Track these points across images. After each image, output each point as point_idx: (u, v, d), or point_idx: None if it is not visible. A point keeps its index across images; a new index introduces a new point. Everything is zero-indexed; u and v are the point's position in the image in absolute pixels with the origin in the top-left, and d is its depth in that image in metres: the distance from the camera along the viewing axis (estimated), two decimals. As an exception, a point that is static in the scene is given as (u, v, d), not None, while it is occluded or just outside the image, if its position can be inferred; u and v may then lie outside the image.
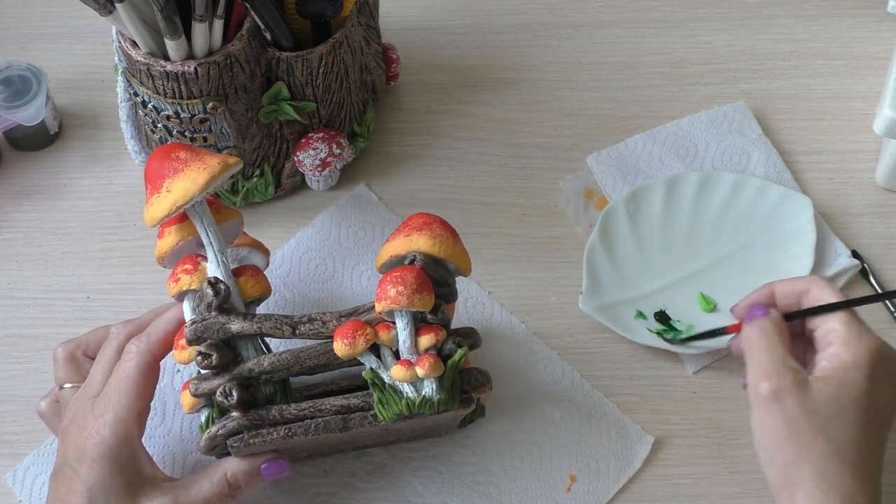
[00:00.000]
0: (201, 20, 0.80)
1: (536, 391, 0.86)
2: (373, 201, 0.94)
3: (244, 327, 0.74)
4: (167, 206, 0.74)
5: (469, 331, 0.77)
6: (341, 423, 0.73)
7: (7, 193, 0.96)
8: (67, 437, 0.75)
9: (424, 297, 0.73)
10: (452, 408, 0.73)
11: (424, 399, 0.73)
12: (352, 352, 0.73)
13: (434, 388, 0.73)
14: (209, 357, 0.73)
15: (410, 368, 0.72)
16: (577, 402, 0.85)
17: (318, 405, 0.74)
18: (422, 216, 0.77)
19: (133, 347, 0.76)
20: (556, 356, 0.87)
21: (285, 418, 0.74)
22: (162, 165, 0.75)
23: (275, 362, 0.74)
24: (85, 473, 0.73)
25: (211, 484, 0.75)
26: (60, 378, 0.80)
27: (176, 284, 0.76)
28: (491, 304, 0.89)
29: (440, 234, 0.76)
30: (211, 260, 0.76)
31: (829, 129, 0.98)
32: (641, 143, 0.97)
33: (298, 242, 0.92)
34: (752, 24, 1.04)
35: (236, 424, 0.73)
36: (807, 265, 0.89)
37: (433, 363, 0.72)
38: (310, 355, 0.74)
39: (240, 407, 0.73)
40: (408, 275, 0.73)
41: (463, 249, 0.78)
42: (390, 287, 0.72)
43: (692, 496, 0.82)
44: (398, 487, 0.82)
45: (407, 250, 0.76)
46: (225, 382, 0.73)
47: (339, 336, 0.73)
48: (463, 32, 1.04)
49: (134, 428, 0.74)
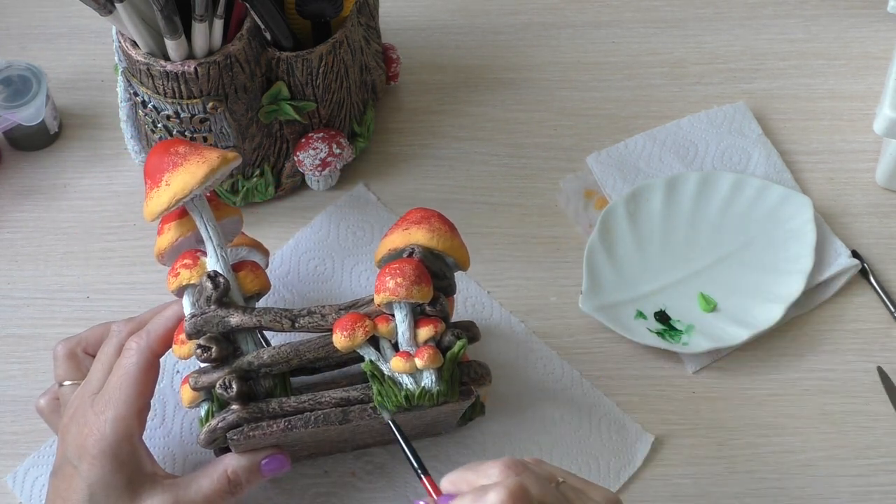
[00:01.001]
0: (201, 20, 0.80)
1: (536, 390, 0.86)
2: (371, 201, 0.94)
3: (243, 320, 0.74)
4: (166, 199, 0.74)
5: (468, 324, 0.77)
6: (341, 415, 0.73)
7: (7, 193, 0.96)
8: (67, 434, 0.75)
9: (423, 289, 0.73)
10: (452, 399, 0.73)
11: (424, 390, 0.73)
12: (351, 344, 0.73)
13: (433, 379, 0.73)
14: (209, 350, 0.73)
15: (409, 360, 0.72)
16: (576, 400, 0.85)
17: (317, 398, 0.74)
18: (420, 210, 0.78)
19: (133, 344, 0.76)
20: (555, 355, 0.87)
21: (285, 411, 0.74)
22: (161, 160, 0.75)
23: (274, 355, 0.74)
24: (85, 470, 0.73)
25: (211, 481, 0.75)
26: (60, 375, 0.80)
27: (175, 279, 0.76)
28: (490, 303, 0.89)
29: (438, 227, 0.76)
30: (210, 254, 0.76)
31: (829, 129, 0.98)
32: (641, 143, 0.97)
33: (297, 242, 0.92)
34: (752, 24, 1.04)
35: (236, 417, 0.73)
36: (807, 265, 0.89)
37: (432, 354, 0.72)
38: (309, 348, 0.75)
39: (239, 399, 0.73)
40: (406, 267, 0.73)
41: (461, 243, 0.78)
42: (389, 279, 0.73)
43: (692, 496, 0.82)
44: (398, 487, 0.82)
45: (405, 243, 0.76)
46: (224, 375, 0.73)
47: (338, 328, 0.73)
48: (463, 32, 1.04)
49: (134, 425, 0.74)
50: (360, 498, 0.82)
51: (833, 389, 0.86)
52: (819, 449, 0.84)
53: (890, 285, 0.90)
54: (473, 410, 0.82)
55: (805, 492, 0.82)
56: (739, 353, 0.87)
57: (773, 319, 0.87)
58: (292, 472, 0.81)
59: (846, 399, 0.86)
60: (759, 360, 0.87)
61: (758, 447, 0.84)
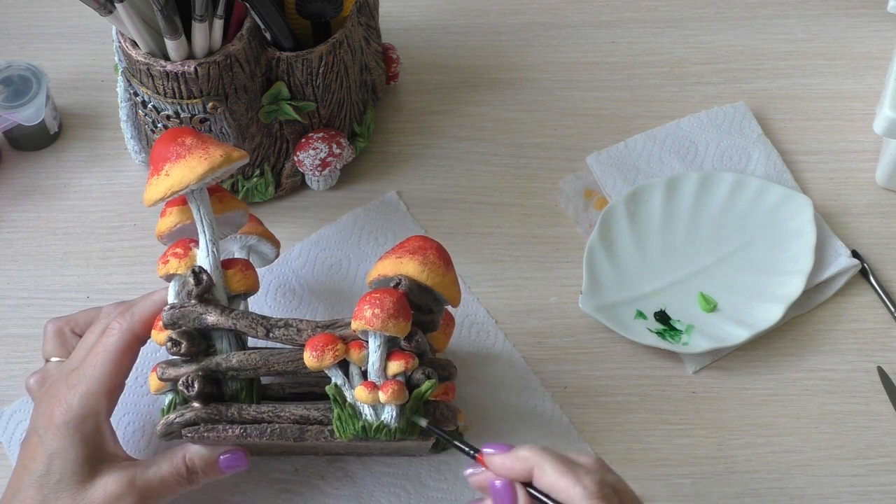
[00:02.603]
0: (201, 20, 0.80)
1: (522, 428, 0.84)
2: (401, 210, 0.94)
3: (219, 320, 0.74)
4: (162, 189, 0.75)
5: (445, 363, 0.76)
6: (297, 432, 0.73)
7: (7, 193, 0.96)
8: (40, 405, 0.76)
9: (399, 323, 0.72)
10: (410, 438, 0.73)
11: (382, 424, 0.72)
12: (319, 364, 0.72)
13: (394, 415, 0.72)
14: (179, 344, 0.74)
15: (374, 391, 0.72)
16: (560, 447, 0.82)
17: (277, 410, 0.74)
18: (419, 239, 0.77)
19: (116, 325, 0.77)
20: (548, 396, 0.85)
21: (243, 418, 0.74)
22: (167, 149, 0.75)
23: (243, 360, 0.74)
24: (48, 440, 0.74)
25: (170, 465, 0.75)
26: (47, 352, 0.81)
27: (164, 266, 0.77)
28: (495, 332, 0.88)
29: (432, 261, 0.75)
30: (202, 248, 0.76)
31: (829, 129, 0.98)
32: (641, 143, 0.97)
33: (319, 238, 0.92)
34: (752, 24, 1.04)
35: (194, 416, 0.73)
36: (807, 265, 0.89)
37: (397, 390, 0.72)
38: (279, 360, 0.74)
39: (199, 399, 0.73)
40: (387, 298, 0.72)
41: (454, 280, 0.77)
42: (367, 308, 0.72)
43: (692, 496, 0.82)
44: (364, 498, 0.82)
45: (395, 272, 0.75)
46: (190, 372, 0.73)
47: (309, 347, 0.73)
48: (463, 32, 1.04)
49: (103, 402, 0.75)
50: (325, 502, 0.82)
51: (833, 389, 0.86)
52: (819, 449, 0.84)
53: (890, 285, 0.90)
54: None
55: (805, 492, 0.82)
56: (739, 353, 0.87)
57: (773, 319, 0.87)
58: (263, 463, 0.82)
59: (846, 399, 0.86)
60: (759, 360, 0.87)
61: (758, 447, 0.84)
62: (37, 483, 0.73)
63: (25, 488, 0.73)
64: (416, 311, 0.74)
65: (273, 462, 0.83)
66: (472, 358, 0.87)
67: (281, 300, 0.90)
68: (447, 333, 0.79)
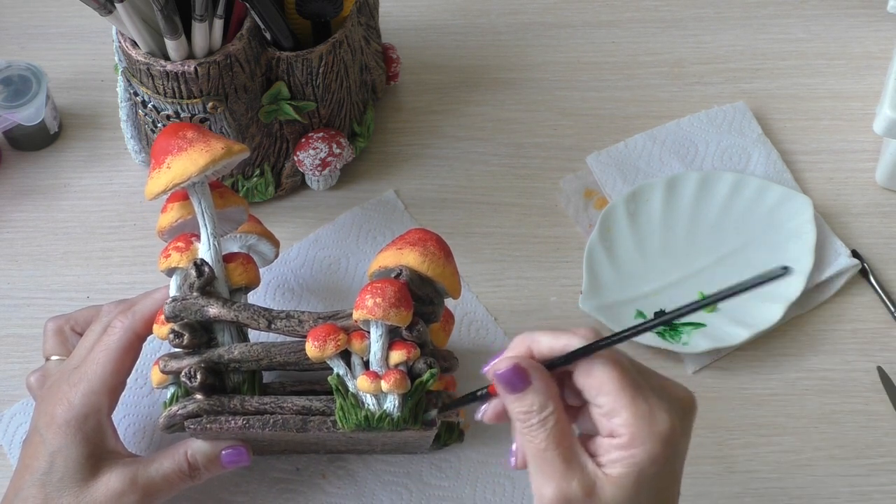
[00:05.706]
0: (201, 20, 0.80)
1: None
2: (399, 209, 0.94)
3: (221, 313, 0.74)
4: (164, 182, 0.75)
5: (447, 353, 0.77)
6: (300, 423, 0.73)
7: (7, 193, 0.96)
8: (41, 404, 0.76)
9: (401, 313, 0.72)
10: (412, 427, 0.73)
11: (384, 413, 0.72)
12: (321, 355, 0.72)
13: (396, 404, 0.72)
14: (181, 336, 0.74)
15: (376, 381, 0.72)
16: None
17: (280, 402, 0.74)
18: (419, 232, 0.77)
19: (118, 323, 0.77)
20: None
21: (246, 409, 0.74)
22: (168, 142, 0.76)
23: (245, 352, 0.74)
24: (50, 439, 0.74)
25: (172, 462, 0.75)
26: (47, 350, 0.81)
27: (166, 260, 0.77)
28: (495, 330, 0.88)
29: (432, 252, 0.76)
30: (203, 242, 0.76)
31: (829, 128, 0.98)
32: (641, 143, 0.97)
33: (318, 237, 0.92)
34: (752, 24, 1.04)
35: (196, 407, 0.73)
36: (807, 265, 0.89)
37: (399, 379, 0.72)
38: (281, 351, 0.75)
39: (202, 390, 0.73)
40: (388, 288, 0.72)
41: (454, 271, 0.77)
42: (369, 297, 0.72)
43: (692, 496, 0.82)
44: (365, 497, 0.82)
45: (395, 263, 0.75)
46: (193, 364, 0.73)
47: (311, 337, 0.73)
48: (463, 32, 1.04)
49: (105, 401, 0.75)
50: (326, 501, 0.82)
51: (833, 389, 0.86)
52: (819, 449, 0.84)
53: (890, 285, 0.90)
54: (450, 437, 0.82)
55: (805, 492, 0.82)
56: (739, 353, 0.87)
57: (773, 319, 0.87)
58: (264, 462, 0.82)
59: (846, 399, 0.86)
60: (759, 360, 0.87)
61: (757, 447, 0.84)
62: (39, 482, 0.73)
63: (28, 487, 0.73)
64: (416, 302, 0.74)
65: (274, 461, 0.83)
66: (472, 356, 0.87)
67: (280, 299, 0.90)
68: (447, 331, 0.80)
